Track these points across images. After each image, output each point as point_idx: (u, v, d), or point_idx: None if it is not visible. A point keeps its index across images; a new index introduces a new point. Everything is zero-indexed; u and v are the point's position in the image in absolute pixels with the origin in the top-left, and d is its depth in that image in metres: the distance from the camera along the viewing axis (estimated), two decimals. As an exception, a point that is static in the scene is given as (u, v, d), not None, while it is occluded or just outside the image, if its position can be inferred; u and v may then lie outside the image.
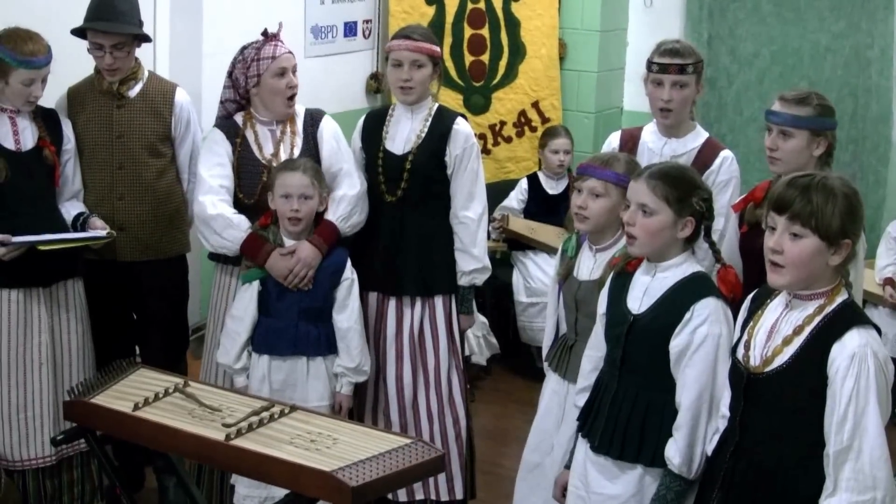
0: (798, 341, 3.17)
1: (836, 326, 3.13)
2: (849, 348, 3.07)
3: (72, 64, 4.97)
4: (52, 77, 4.74)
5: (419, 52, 4.78)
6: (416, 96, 4.84)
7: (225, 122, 4.88)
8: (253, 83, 4.77)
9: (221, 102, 4.92)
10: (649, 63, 4.69)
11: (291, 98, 4.81)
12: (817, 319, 3.16)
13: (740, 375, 3.29)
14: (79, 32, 4.93)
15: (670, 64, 4.62)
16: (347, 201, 4.79)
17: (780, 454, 3.20)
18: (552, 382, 4.31)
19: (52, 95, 4.94)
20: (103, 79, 4.97)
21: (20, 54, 4.56)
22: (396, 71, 4.82)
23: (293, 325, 4.65)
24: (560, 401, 4.23)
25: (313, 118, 4.92)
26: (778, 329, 3.24)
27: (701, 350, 3.51)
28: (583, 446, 3.82)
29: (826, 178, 3.19)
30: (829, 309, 3.17)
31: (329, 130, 4.91)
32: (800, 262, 3.14)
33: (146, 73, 5.10)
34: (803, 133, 4.19)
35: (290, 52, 4.82)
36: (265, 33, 4.83)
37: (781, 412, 3.19)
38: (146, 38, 5.04)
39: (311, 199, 4.62)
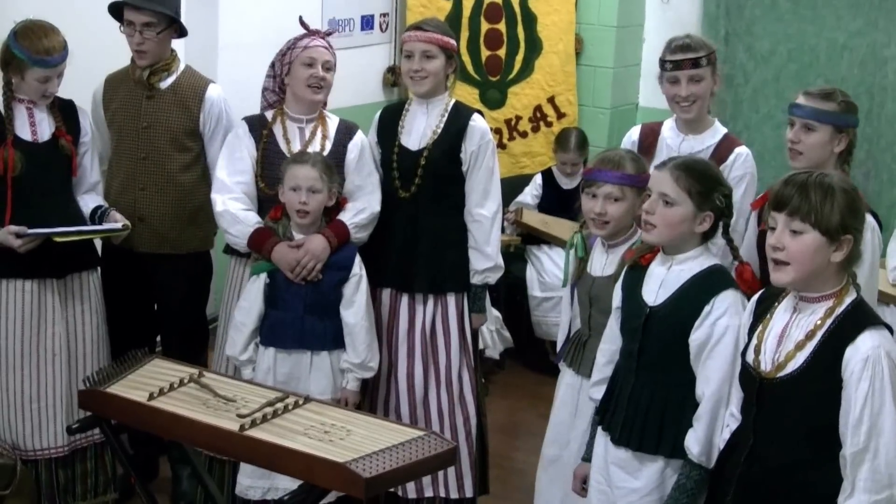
0: (811, 346, 3.18)
1: (848, 329, 3.14)
2: (862, 351, 3.08)
3: (105, 58, 4.99)
4: (89, 68, 4.76)
5: (429, 42, 4.77)
6: (428, 87, 4.83)
7: (253, 116, 4.91)
8: (285, 71, 4.80)
9: (262, 91, 4.93)
10: (662, 62, 4.71)
11: (316, 88, 4.78)
12: (828, 322, 3.17)
13: (752, 380, 3.29)
14: (116, 13, 4.96)
15: (683, 59, 4.64)
16: (367, 215, 4.80)
17: (796, 456, 3.21)
18: (567, 377, 4.34)
19: (87, 86, 4.98)
20: (137, 68, 5.00)
21: (35, 53, 4.56)
22: (408, 62, 4.82)
23: (299, 318, 4.64)
24: (574, 395, 4.27)
25: (349, 129, 4.91)
26: (788, 334, 3.24)
27: (722, 342, 3.53)
28: (602, 440, 3.85)
29: (824, 174, 3.21)
30: (839, 310, 3.18)
31: (361, 145, 4.88)
32: (802, 257, 3.15)
33: (181, 67, 5.11)
34: (826, 128, 4.21)
35: (326, 48, 4.81)
36: (304, 26, 4.86)
37: (796, 416, 3.20)
38: (181, 28, 5.06)
39: (320, 193, 4.61)
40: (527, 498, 5.08)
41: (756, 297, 3.45)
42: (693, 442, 3.56)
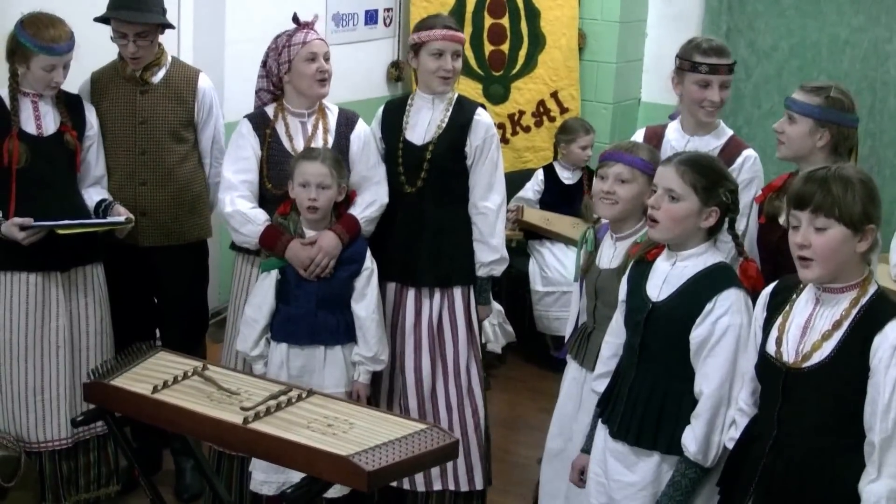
0: (838, 335, 3.19)
1: (875, 317, 3.16)
2: (891, 338, 3.10)
3: (94, 49, 4.99)
4: (76, 62, 4.75)
5: (459, 42, 4.81)
6: (452, 86, 4.87)
7: (255, 113, 4.89)
8: (284, 69, 4.77)
9: (256, 92, 4.92)
10: (693, 63, 4.57)
11: (322, 81, 4.78)
12: (854, 311, 3.19)
13: (777, 371, 3.29)
14: (103, 19, 4.95)
15: (720, 64, 4.57)
16: (377, 207, 4.82)
17: (823, 446, 3.22)
18: (572, 370, 4.35)
19: (75, 81, 4.96)
20: (127, 65, 4.99)
21: (41, 40, 4.57)
22: (438, 60, 4.78)
23: (311, 313, 4.65)
24: (579, 388, 4.28)
25: (348, 119, 4.91)
26: (813, 325, 3.25)
27: (723, 341, 3.54)
28: (602, 432, 3.86)
29: (840, 167, 3.23)
30: (864, 300, 3.21)
31: (364, 135, 4.89)
32: (829, 253, 3.17)
33: (169, 59, 5.11)
34: (806, 120, 4.20)
35: (321, 40, 4.81)
36: (297, 20, 4.84)
37: (823, 405, 3.21)
38: (169, 26, 5.07)
39: (330, 189, 4.61)
40: (527, 492, 5.12)
41: (769, 289, 3.46)
42: (690, 440, 3.57)
